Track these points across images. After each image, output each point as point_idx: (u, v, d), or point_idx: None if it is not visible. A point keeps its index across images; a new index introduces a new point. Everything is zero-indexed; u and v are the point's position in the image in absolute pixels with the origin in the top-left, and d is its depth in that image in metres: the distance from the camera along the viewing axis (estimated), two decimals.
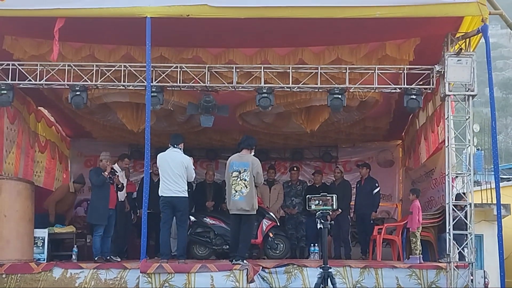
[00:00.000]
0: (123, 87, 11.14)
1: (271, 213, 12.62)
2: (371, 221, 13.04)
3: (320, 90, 11.26)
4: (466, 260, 10.15)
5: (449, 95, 10.48)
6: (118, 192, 11.75)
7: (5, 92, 10.90)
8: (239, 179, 10.02)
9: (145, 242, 9.64)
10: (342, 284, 9.91)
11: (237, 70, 11.01)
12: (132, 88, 11.15)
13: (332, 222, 10.61)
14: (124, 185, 12.11)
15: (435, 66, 10.63)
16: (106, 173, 11.23)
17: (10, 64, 10.91)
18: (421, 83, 10.87)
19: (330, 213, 9.57)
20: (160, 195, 10.14)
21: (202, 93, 11.29)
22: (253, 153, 10.37)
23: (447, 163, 10.43)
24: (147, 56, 9.90)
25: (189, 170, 10.23)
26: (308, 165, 17.10)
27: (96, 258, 10.90)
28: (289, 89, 11.21)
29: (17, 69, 10.96)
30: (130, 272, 9.82)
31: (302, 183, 14.26)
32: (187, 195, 10.24)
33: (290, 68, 10.98)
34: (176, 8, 9.71)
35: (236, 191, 10.01)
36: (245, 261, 9.87)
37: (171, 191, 10.04)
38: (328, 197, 9.08)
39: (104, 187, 11.17)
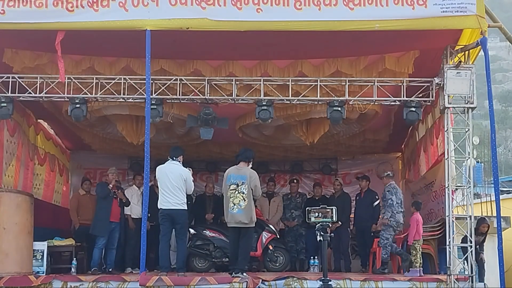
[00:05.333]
0: (123, 100, 11.16)
1: (271, 226, 12.59)
2: (371, 234, 13.00)
3: (319, 103, 11.28)
4: (466, 272, 10.13)
5: (448, 108, 10.50)
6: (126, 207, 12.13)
7: (5, 105, 10.92)
8: (237, 192, 10.01)
9: (144, 255, 9.61)
10: None
11: (236, 82, 11.03)
12: (132, 100, 11.17)
13: (332, 234, 10.60)
14: (131, 201, 12.34)
15: (435, 78, 10.66)
16: (111, 186, 11.58)
17: (10, 77, 10.93)
18: (420, 95, 10.89)
19: (330, 225, 9.57)
20: (159, 207, 10.12)
21: (201, 106, 11.31)
22: (250, 166, 10.37)
23: (446, 176, 10.42)
24: (146, 68, 9.91)
25: (188, 183, 10.21)
26: (307, 177, 17.11)
27: (92, 270, 11.04)
28: (288, 102, 11.22)
29: (17, 82, 10.98)
30: (129, 285, 9.80)
31: (301, 195, 14.23)
32: (186, 208, 10.22)
33: (290, 80, 11.00)
34: (176, 21, 9.72)
35: (234, 204, 10.00)
36: (244, 274, 9.86)
37: (170, 203, 10.02)
38: (328, 210, 9.08)
39: (107, 200, 11.50)
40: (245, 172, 10.16)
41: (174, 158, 10.38)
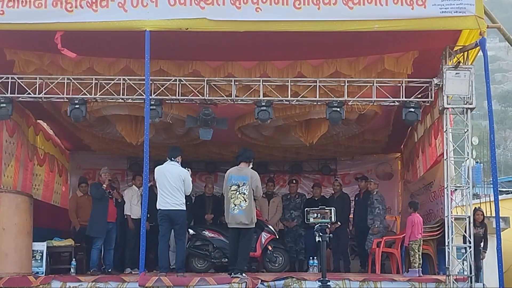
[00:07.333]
0: (122, 100, 11.16)
1: (270, 226, 12.58)
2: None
3: (318, 103, 11.28)
4: (465, 273, 10.13)
5: (447, 108, 10.50)
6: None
7: (4, 105, 10.92)
8: (238, 193, 10.02)
9: (143, 255, 9.61)
10: None
11: (236, 83, 11.03)
12: (131, 101, 11.16)
13: (331, 235, 10.60)
14: (131, 201, 12.41)
15: (434, 79, 10.66)
16: (105, 186, 11.51)
17: (10, 78, 10.92)
18: (419, 96, 10.89)
19: (329, 226, 9.57)
20: (157, 208, 10.11)
21: (201, 106, 11.31)
22: (251, 166, 10.38)
23: (446, 176, 10.42)
24: (146, 69, 9.92)
25: (186, 183, 10.17)
26: (307, 178, 17.12)
27: (91, 271, 11.04)
28: (288, 102, 11.22)
29: (16, 82, 10.97)
30: (128, 285, 9.79)
31: (301, 196, 14.25)
32: (185, 208, 10.21)
33: (289, 81, 10.99)
34: (176, 21, 9.73)
35: (235, 205, 10.00)
36: (244, 274, 9.86)
37: (169, 204, 10.01)
38: (326, 210, 9.07)
39: (103, 201, 11.47)
40: (246, 173, 10.17)
41: (173, 159, 10.37)
